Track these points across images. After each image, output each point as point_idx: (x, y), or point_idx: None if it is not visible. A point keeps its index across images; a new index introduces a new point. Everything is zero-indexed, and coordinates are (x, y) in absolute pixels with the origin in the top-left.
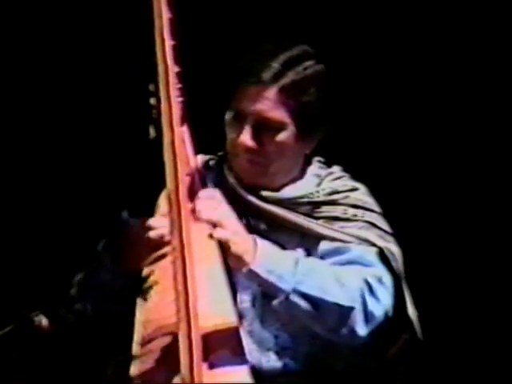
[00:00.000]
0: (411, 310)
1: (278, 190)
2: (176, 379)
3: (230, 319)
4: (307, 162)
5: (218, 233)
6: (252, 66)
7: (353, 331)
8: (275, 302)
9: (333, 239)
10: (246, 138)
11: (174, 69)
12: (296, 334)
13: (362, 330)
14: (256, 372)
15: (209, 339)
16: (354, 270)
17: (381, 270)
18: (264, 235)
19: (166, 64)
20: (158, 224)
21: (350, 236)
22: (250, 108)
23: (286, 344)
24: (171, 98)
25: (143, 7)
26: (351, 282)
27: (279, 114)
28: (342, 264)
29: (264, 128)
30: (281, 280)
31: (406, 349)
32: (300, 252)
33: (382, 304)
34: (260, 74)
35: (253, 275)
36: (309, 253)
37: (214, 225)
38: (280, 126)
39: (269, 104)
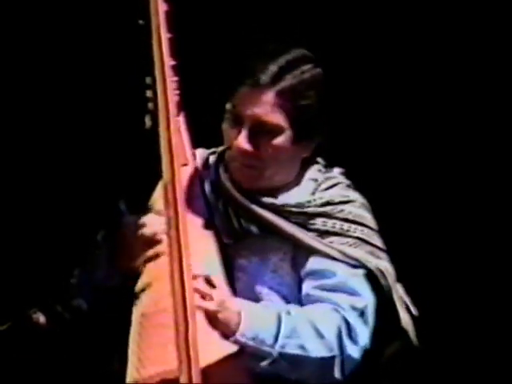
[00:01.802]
0: (405, 321)
1: (273, 194)
2: None
3: (230, 348)
4: (306, 165)
5: (206, 304)
6: (250, 68)
7: (331, 376)
8: (263, 364)
9: (322, 254)
10: (243, 141)
11: (170, 62)
12: None
13: (339, 374)
14: None
15: (210, 372)
16: (332, 310)
17: (364, 299)
18: (255, 239)
19: (162, 57)
20: (152, 222)
21: (339, 253)
22: (247, 111)
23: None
24: (167, 91)
25: (140, 0)
26: (329, 329)
27: (276, 118)
28: (326, 290)
29: (260, 132)
30: (265, 346)
31: (400, 355)
32: (281, 307)
33: (359, 345)
34: (258, 77)
35: (239, 342)
36: (295, 262)
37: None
38: (277, 130)
39: (266, 108)
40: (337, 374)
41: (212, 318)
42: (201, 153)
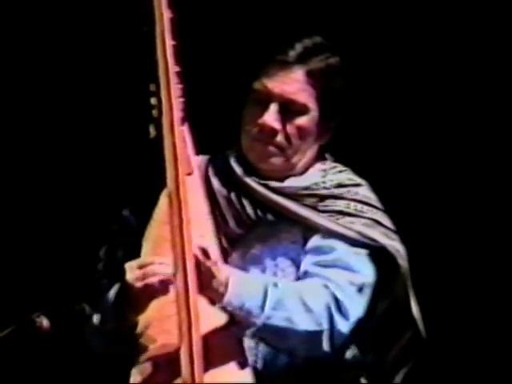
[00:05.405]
0: (415, 309)
1: (282, 180)
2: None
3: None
4: (316, 158)
5: (206, 262)
6: (277, 45)
7: (319, 349)
8: (247, 333)
9: (337, 234)
10: (271, 118)
11: (174, 69)
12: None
13: (328, 347)
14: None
15: (209, 340)
16: (322, 286)
17: (362, 276)
18: (271, 226)
19: (166, 64)
20: (158, 269)
21: (353, 232)
22: (276, 89)
23: (266, 355)
24: (172, 98)
25: (144, 7)
26: (318, 303)
27: (305, 98)
28: (323, 266)
29: (287, 110)
30: (252, 316)
31: (409, 347)
32: (268, 279)
33: (349, 320)
34: (287, 53)
35: (225, 308)
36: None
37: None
38: (303, 110)
39: (296, 86)
40: (325, 347)
41: (207, 278)
42: (200, 158)
